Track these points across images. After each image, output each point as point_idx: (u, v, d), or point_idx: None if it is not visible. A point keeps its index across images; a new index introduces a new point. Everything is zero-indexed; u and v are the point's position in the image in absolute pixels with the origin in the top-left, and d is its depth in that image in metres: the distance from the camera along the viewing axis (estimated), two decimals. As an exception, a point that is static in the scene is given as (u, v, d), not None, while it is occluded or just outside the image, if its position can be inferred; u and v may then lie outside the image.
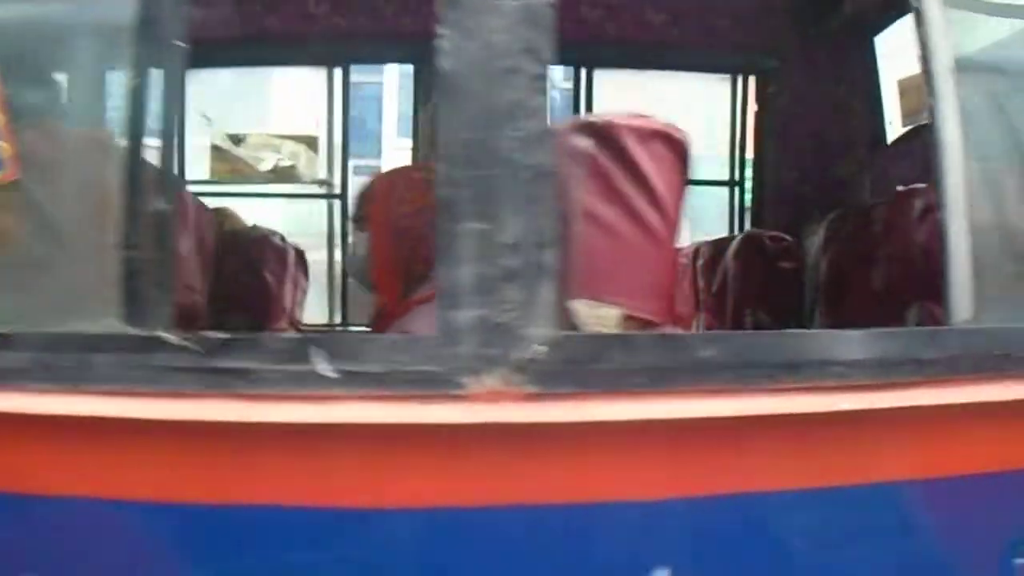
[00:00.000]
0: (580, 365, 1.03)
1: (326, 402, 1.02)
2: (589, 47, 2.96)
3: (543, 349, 1.02)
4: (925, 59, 1.24)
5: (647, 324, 1.14)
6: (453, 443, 1.02)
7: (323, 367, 1.03)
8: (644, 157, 1.15)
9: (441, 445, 1.03)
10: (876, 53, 2.87)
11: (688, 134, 1.23)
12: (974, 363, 1.19)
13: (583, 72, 3.06)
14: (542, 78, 1.06)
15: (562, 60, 3.24)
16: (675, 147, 1.19)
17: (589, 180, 1.15)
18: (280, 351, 1.04)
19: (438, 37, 1.07)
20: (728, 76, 3.13)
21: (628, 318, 1.13)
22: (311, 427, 1.02)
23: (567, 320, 1.13)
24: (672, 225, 1.17)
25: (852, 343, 1.13)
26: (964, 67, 1.27)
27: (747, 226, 3.03)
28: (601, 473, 1.04)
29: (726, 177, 3.18)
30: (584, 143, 1.16)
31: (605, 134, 1.16)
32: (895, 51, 2.78)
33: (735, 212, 3.14)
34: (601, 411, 1.03)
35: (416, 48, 2.69)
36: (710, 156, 3.22)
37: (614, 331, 1.13)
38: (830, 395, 1.09)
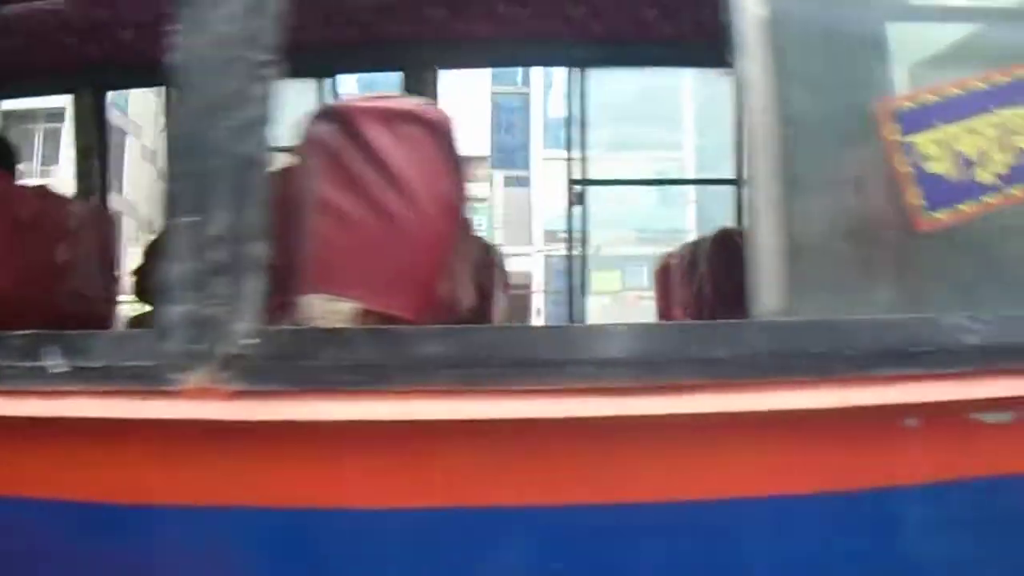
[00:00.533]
0: (288, 361, 0.99)
1: (58, 397, 1.03)
2: (578, 46, 2.87)
3: (250, 344, 0.99)
4: (728, 8, 1.11)
5: (391, 320, 1.07)
6: (164, 440, 1.01)
7: (53, 363, 1.04)
8: (386, 140, 1.08)
9: (156, 442, 1.01)
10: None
11: (448, 114, 1.14)
12: (783, 363, 1.04)
13: (576, 73, 2.96)
14: (263, 66, 1.02)
15: (553, 61, 3.19)
16: (431, 128, 1.10)
17: (324, 168, 1.09)
18: (17, 348, 1.06)
19: (174, 32, 1.06)
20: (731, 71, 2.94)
21: (366, 313, 1.06)
22: (44, 421, 1.03)
23: (299, 315, 1.08)
24: (426, 211, 1.09)
25: (610, 339, 1.02)
26: (780, 19, 1.12)
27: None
28: (311, 479, 0.98)
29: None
30: (320, 129, 1.11)
31: (341, 118, 1.10)
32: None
33: (741, 211, 2.94)
34: (307, 411, 0.98)
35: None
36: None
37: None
38: (572, 399, 0.98)
